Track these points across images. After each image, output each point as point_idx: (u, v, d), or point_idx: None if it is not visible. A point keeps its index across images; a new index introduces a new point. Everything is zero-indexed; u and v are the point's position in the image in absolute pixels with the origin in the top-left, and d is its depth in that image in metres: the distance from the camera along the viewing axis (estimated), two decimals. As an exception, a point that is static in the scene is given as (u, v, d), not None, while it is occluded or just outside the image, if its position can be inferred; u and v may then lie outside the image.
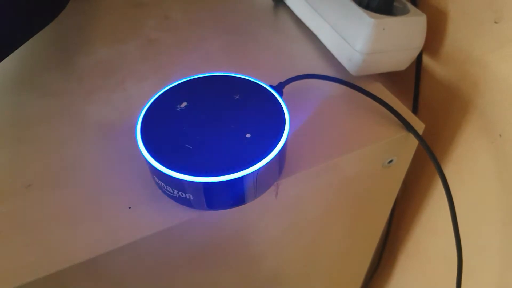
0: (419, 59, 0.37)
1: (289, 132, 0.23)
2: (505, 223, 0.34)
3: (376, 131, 0.30)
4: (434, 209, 0.42)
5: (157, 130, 0.23)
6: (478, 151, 0.34)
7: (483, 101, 0.32)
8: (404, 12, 0.32)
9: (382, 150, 0.30)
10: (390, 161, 0.32)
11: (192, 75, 0.27)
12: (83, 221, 0.23)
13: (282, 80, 0.30)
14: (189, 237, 0.25)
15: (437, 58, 0.36)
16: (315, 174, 0.28)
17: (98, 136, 0.29)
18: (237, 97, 0.26)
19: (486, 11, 0.30)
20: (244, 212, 0.26)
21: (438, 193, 0.41)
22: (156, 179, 0.23)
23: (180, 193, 0.22)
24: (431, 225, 0.44)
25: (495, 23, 0.29)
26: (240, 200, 0.24)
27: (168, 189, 0.23)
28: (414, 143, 0.33)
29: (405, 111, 0.32)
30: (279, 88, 0.29)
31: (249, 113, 0.25)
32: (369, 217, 0.40)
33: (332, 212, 0.34)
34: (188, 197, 0.22)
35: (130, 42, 0.39)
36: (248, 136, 0.23)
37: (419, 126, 0.31)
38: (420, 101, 0.40)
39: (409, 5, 0.32)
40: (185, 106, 0.25)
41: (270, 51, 0.39)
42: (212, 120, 0.24)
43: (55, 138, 0.29)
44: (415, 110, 0.40)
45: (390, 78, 0.41)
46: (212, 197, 0.23)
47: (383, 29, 0.30)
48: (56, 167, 0.26)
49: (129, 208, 0.24)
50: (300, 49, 0.39)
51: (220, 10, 0.45)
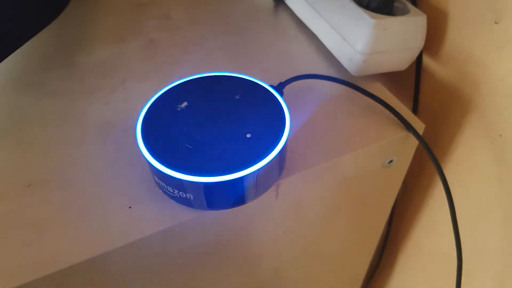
0: (419, 59, 0.37)
1: (289, 132, 0.23)
2: (505, 223, 0.34)
3: (376, 131, 0.30)
4: (434, 209, 0.42)
5: (157, 130, 0.23)
6: (478, 151, 0.34)
7: (483, 101, 0.32)
8: (404, 12, 0.32)
9: (382, 150, 0.30)
10: (390, 161, 0.32)
11: (192, 75, 0.27)
12: (83, 221, 0.23)
13: (283, 80, 0.30)
14: (189, 237, 0.25)
15: (437, 58, 0.36)
16: (315, 174, 0.28)
17: (99, 136, 0.29)
18: (237, 97, 0.26)
19: (486, 11, 0.30)
20: (244, 212, 0.26)
21: (438, 193, 0.41)
22: (157, 179, 0.23)
23: (181, 193, 0.22)
24: (431, 225, 0.44)
25: (495, 23, 0.29)
26: (240, 200, 0.24)
27: (169, 189, 0.23)
28: (414, 143, 0.33)
29: (405, 111, 0.32)
30: (279, 88, 0.29)
31: (249, 113, 0.25)
32: (369, 217, 0.40)
33: (332, 212, 0.34)
34: (188, 197, 0.22)
35: (131, 42, 0.39)
36: (249, 136, 0.23)
37: (419, 126, 0.31)
38: (420, 101, 0.40)
39: (409, 5, 0.32)
40: (186, 106, 0.25)
41: (271, 51, 0.39)
42: (213, 120, 0.24)
43: (55, 137, 0.29)
44: (415, 110, 0.40)
45: (390, 78, 0.41)
46: (213, 197, 0.23)
47: (384, 29, 0.30)
48: (56, 167, 0.26)
49: (129, 208, 0.24)
50: (300, 49, 0.39)
51: (220, 10, 0.45)
